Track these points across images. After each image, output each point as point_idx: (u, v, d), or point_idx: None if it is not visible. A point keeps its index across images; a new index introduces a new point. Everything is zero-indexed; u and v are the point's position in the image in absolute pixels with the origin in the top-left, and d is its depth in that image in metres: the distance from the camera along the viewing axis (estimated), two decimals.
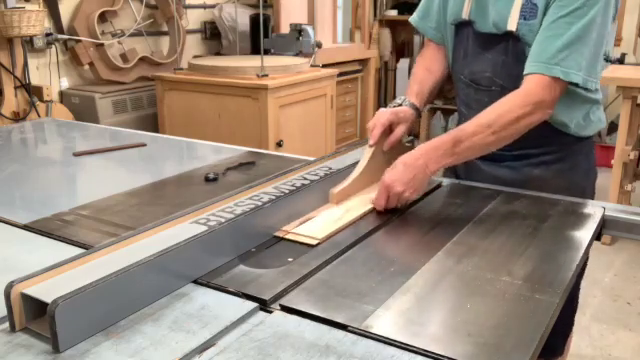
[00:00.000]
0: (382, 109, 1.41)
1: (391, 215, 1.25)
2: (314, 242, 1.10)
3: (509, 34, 1.35)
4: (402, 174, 1.25)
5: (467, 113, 1.49)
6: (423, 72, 1.57)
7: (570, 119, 1.39)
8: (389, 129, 1.40)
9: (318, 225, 1.17)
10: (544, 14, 1.29)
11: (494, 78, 1.41)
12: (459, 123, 1.56)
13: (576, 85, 1.27)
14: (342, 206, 1.28)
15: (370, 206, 1.28)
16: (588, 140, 1.46)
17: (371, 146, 1.37)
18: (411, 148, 1.41)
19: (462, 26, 1.47)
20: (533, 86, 1.26)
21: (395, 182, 1.24)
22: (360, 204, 1.29)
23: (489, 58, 1.42)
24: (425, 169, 1.25)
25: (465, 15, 1.45)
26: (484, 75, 1.43)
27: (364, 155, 1.38)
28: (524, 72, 1.30)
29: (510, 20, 1.34)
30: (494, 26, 1.38)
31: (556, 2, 1.26)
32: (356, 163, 1.39)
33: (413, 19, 1.63)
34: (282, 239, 1.13)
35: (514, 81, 1.33)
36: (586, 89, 1.32)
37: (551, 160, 1.43)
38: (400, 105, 1.44)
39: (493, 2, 1.38)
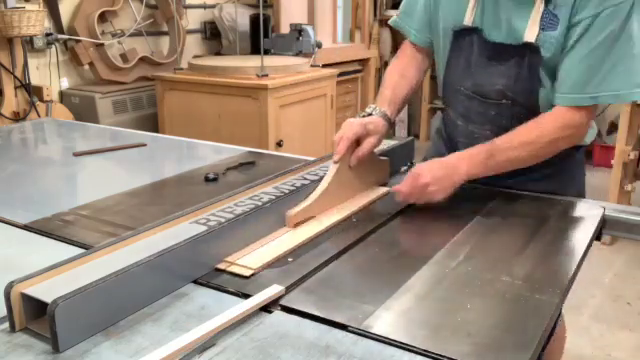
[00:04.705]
0: (350, 120, 1.29)
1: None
2: (248, 273, 0.97)
3: (526, 45, 1.26)
4: (434, 168, 1.24)
5: (465, 125, 1.43)
6: (397, 77, 1.46)
7: None
8: (356, 143, 1.28)
9: (261, 253, 1.04)
10: (567, 28, 1.21)
11: (506, 92, 1.33)
12: (449, 134, 1.52)
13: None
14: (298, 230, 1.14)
15: (329, 222, 1.17)
16: (584, 147, 1.45)
17: (336, 162, 1.24)
18: (385, 163, 1.43)
19: (464, 33, 1.36)
20: (577, 116, 1.24)
21: (425, 172, 1.23)
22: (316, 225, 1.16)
23: (501, 70, 1.32)
24: (457, 172, 1.24)
25: (469, 21, 1.33)
26: (494, 88, 1.34)
27: (328, 173, 1.25)
28: (560, 102, 1.25)
29: (528, 31, 1.25)
30: (509, 36, 1.29)
31: (588, 28, 1.19)
32: (320, 180, 1.26)
33: (393, 20, 1.54)
34: (222, 271, 0.99)
35: (527, 95, 1.31)
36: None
37: (553, 173, 1.38)
38: (370, 115, 1.34)
39: (507, 9, 1.28)
